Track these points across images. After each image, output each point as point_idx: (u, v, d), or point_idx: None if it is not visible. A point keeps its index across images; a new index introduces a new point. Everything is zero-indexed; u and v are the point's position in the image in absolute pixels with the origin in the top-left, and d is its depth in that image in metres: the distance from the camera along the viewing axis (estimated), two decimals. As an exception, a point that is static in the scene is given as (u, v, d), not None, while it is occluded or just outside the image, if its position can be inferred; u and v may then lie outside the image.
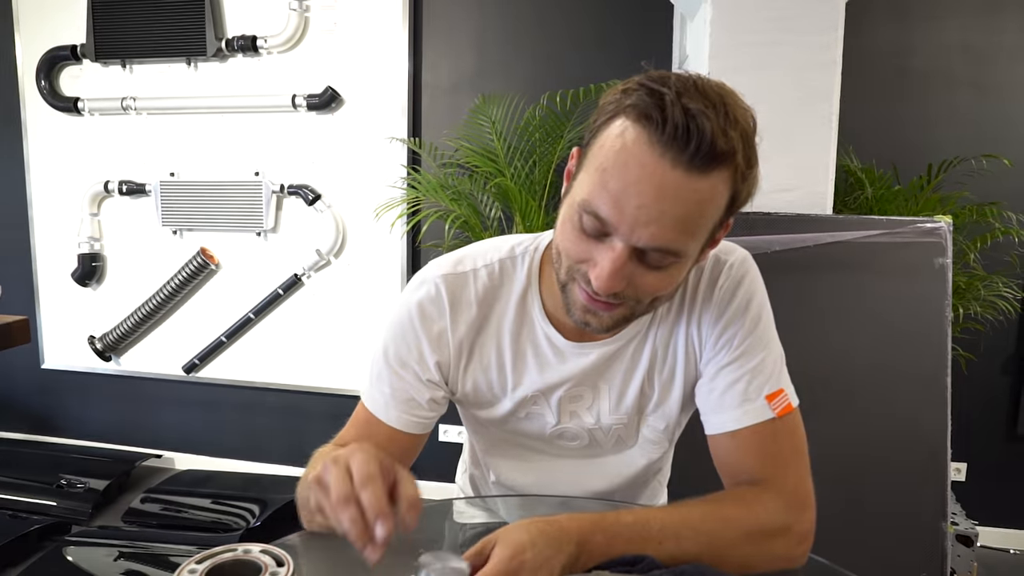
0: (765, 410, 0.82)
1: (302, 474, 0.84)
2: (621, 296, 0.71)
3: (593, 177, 0.68)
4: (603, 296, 0.71)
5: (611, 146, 0.67)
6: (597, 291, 0.70)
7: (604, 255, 0.69)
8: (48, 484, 2.83)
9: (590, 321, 0.75)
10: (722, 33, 1.84)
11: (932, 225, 1.72)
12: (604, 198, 0.67)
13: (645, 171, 0.65)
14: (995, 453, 2.62)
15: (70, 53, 2.98)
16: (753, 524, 0.75)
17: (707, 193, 0.66)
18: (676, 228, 0.66)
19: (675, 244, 0.68)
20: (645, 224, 0.66)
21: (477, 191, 2.56)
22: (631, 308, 0.74)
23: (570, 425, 0.92)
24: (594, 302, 0.73)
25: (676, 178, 0.64)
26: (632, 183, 0.65)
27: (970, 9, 2.44)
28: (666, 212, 0.65)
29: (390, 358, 0.88)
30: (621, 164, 0.66)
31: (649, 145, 0.64)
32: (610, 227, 0.67)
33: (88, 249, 3.09)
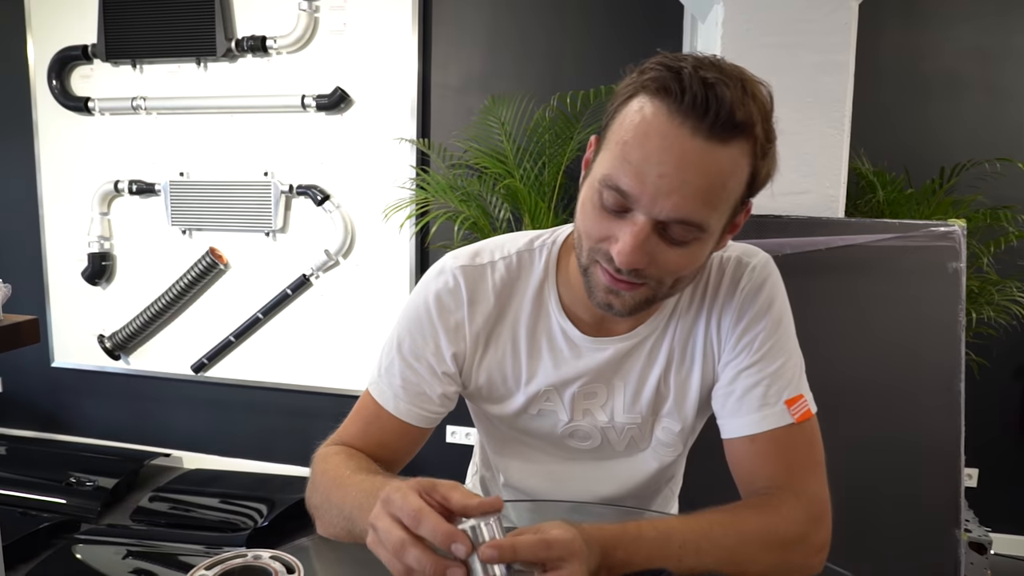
0: (784, 415, 0.81)
1: (309, 479, 0.83)
2: (643, 275, 0.71)
3: (613, 152, 0.68)
4: (625, 273, 0.70)
5: (631, 121, 0.67)
6: (620, 266, 0.69)
7: (626, 230, 0.68)
8: (57, 482, 2.84)
9: (612, 303, 0.74)
10: (734, 35, 1.83)
11: (946, 229, 1.70)
12: (625, 170, 0.67)
13: (666, 141, 0.64)
14: (1007, 458, 2.60)
15: (81, 53, 2.99)
16: (773, 537, 0.74)
17: (727, 163, 0.66)
18: (698, 198, 0.66)
19: (697, 215, 0.67)
20: (667, 194, 0.65)
21: (486, 192, 2.56)
22: (653, 289, 0.73)
23: (583, 423, 0.90)
24: (616, 282, 0.72)
25: (697, 147, 0.64)
26: (653, 153, 0.65)
27: (983, 12, 2.42)
28: (688, 181, 0.65)
29: (404, 350, 0.87)
30: (641, 135, 0.66)
31: (669, 116, 0.64)
32: (631, 200, 0.67)
33: (98, 248, 3.10)
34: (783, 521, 0.75)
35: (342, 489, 0.75)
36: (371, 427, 0.87)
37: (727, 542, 0.72)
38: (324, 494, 0.78)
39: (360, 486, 0.73)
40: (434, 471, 2.31)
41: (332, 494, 0.76)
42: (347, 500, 0.73)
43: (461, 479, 1.22)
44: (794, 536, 0.75)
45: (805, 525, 0.76)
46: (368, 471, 0.77)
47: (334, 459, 0.82)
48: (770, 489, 0.80)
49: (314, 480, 0.81)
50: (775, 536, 0.74)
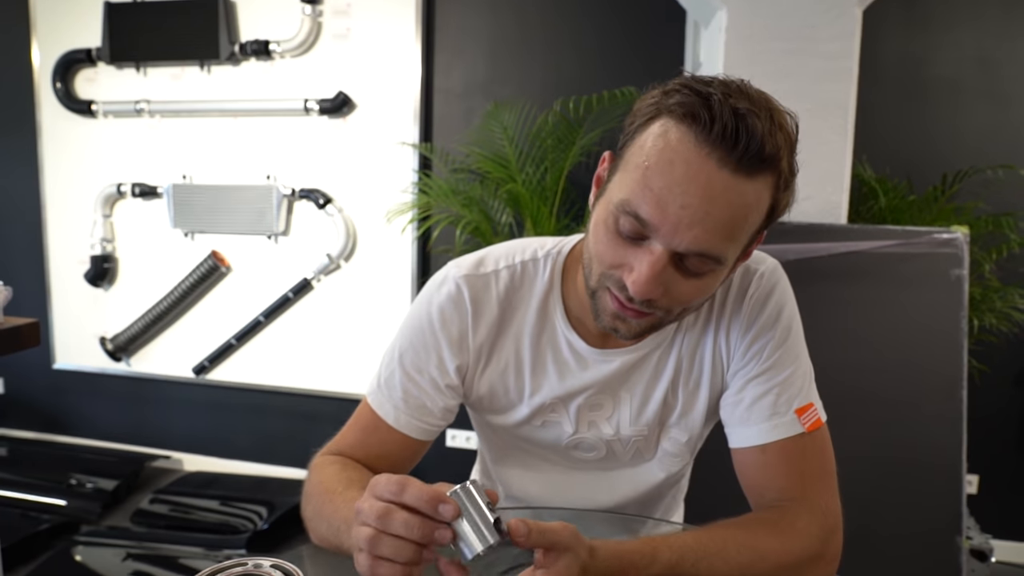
0: (795, 424, 0.79)
1: (304, 487, 0.82)
2: (654, 305, 0.69)
3: (634, 176, 0.66)
4: (637, 303, 0.69)
5: (653, 145, 0.65)
6: (633, 296, 0.68)
7: (642, 259, 0.66)
8: (58, 483, 2.83)
9: (619, 328, 0.73)
10: (737, 41, 1.83)
11: (948, 236, 1.70)
12: (646, 197, 0.64)
13: (691, 170, 0.62)
14: (1008, 465, 2.59)
15: (85, 56, 3.00)
16: (788, 555, 0.73)
17: (752, 197, 0.64)
18: (720, 232, 0.64)
19: (717, 249, 0.65)
20: (689, 226, 0.63)
21: (488, 197, 2.56)
22: (660, 318, 0.72)
23: (588, 435, 0.89)
24: (625, 309, 0.70)
25: (723, 179, 0.62)
26: (677, 182, 0.63)
27: (985, 19, 2.43)
28: (711, 214, 0.63)
29: (406, 362, 0.85)
30: (666, 162, 0.63)
31: (696, 144, 0.62)
32: (651, 229, 0.65)
33: (100, 251, 3.10)
34: (799, 539, 0.74)
35: (332, 504, 0.74)
36: (370, 438, 0.85)
37: (742, 559, 0.71)
38: (316, 507, 0.77)
39: (350, 503, 0.71)
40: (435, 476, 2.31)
41: (323, 507, 0.75)
42: (337, 515, 0.72)
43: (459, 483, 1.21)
44: (810, 553, 0.74)
45: (820, 540, 0.75)
46: (361, 485, 0.76)
47: (329, 470, 0.81)
48: (782, 501, 0.78)
49: (308, 490, 0.81)
50: (790, 556, 0.73)
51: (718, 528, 0.74)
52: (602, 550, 0.64)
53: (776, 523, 0.75)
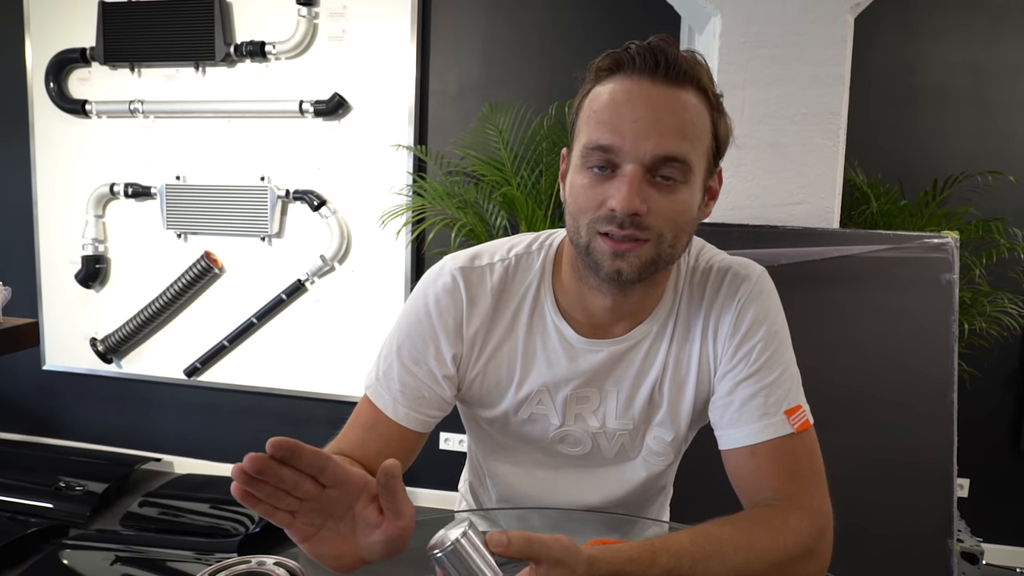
0: (784, 425, 0.81)
1: None
2: (644, 226, 0.73)
3: (588, 124, 0.75)
4: (628, 225, 0.72)
5: (594, 99, 0.76)
6: (619, 212, 0.72)
7: (619, 183, 0.72)
8: (47, 486, 2.81)
9: (621, 267, 0.75)
10: (731, 46, 1.85)
11: (939, 240, 1.71)
12: (602, 129, 0.73)
13: (631, 93, 0.73)
14: (998, 469, 2.61)
15: (79, 56, 2.99)
16: (782, 553, 0.74)
17: (691, 102, 0.74)
18: (675, 133, 0.72)
19: (679, 149, 0.72)
20: (646, 135, 0.71)
21: (483, 200, 2.56)
22: (656, 245, 0.75)
23: (574, 428, 0.90)
24: (620, 243, 0.74)
25: (659, 91, 0.72)
26: (623, 105, 0.73)
27: (974, 27, 2.46)
28: (661, 119, 0.72)
29: (403, 354, 0.86)
30: (608, 100, 0.74)
31: (627, 78, 0.74)
32: (615, 151, 0.72)
33: (92, 251, 3.09)
34: (791, 537, 0.75)
35: None
36: (370, 434, 0.86)
37: (738, 560, 0.72)
38: None
39: None
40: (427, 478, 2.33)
41: None
42: None
43: (454, 486, 1.22)
44: (802, 551, 0.75)
45: (812, 539, 0.77)
46: None
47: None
48: (774, 501, 0.79)
49: None
50: (784, 554, 0.74)
51: (713, 528, 0.74)
52: (601, 561, 0.64)
53: (770, 521, 0.76)
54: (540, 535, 0.60)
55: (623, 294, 0.81)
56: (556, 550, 0.60)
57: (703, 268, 0.88)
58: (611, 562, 0.65)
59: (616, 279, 0.76)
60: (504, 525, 1.02)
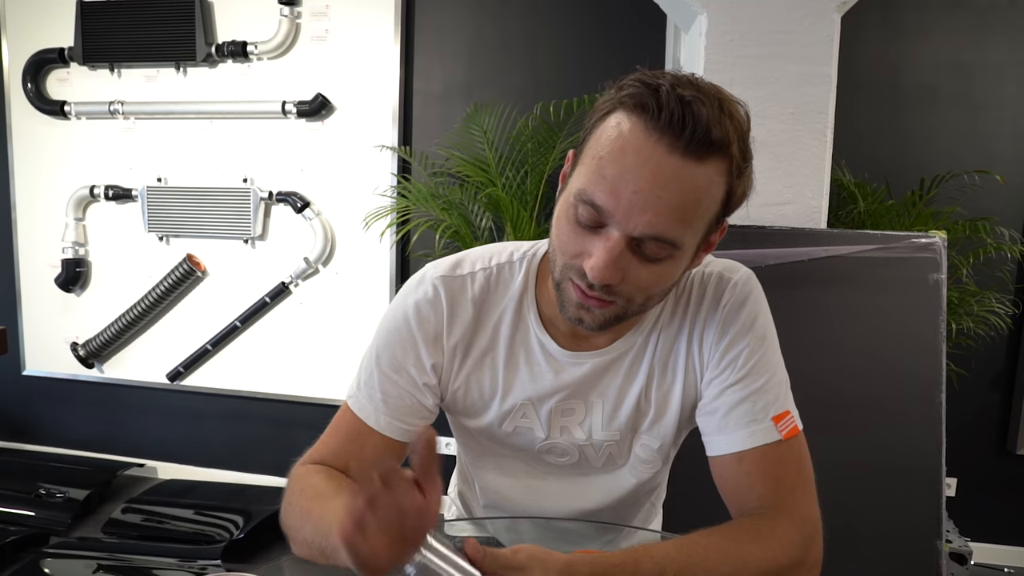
0: (772, 432, 0.79)
1: (284, 497, 0.80)
2: (614, 292, 0.70)
3: (589, 167, 0.68)
4: (597, 288, 0.70)
5: (607, 136, 0.67)
6: (592, 280, 0.69)
7: (599, 245, 0.68)
8: (26, 493, 2.77)
9: (583, 317, 0.74)
10: (717, 45, 1.83)
11: (927, 240, 1.71)
12: (600, 185, 0.67)
13: (641, 156, 0.65)
14: (985, 468, 2.61)
15: (58, 56, 2.95)
16: (771, 563, 0.73)
17: (703, 181, 0.66)
18: (673, 216, 0.66)
19: (672, 233, 0.67)
20: (642, 210, 0.65)
21: (468, 201, 2.54)
22: (623, 307, 0.73)
23: (560, 440, 0.89)
24: (587, 298, 0.71)
25: (672, 164, 0.64)
26: (628, 169, 0.65)
27: (960, 27, 2.46)
28: (663, 198, 0.65)
29: (383, 362, 0.85)
30: (617, 151, 0.66)
31: (645, 132, 0.65)
32: (606, 215, 0.67)
33: (72, 254, 3.05)
34: (779, 545, 0.74)
35: (323, 506, 0.73)
36: (351, 444, 0.84)
37: (724, 568, 0.70)
38: (302, 512, 0.75)
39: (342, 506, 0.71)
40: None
41: (311, 511, 0.74)
42: (325, 517, 0.71)
43: (444, 489, 1.19)
44: (790, 559, 0.74)
45: (800, 548, 0.75)
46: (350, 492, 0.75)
47: (314, 478, 0.79)
48: (762, 509, 0.78)
49: (290, 500, 0.79)
50: (772, 561, 0.73)
51: (699, 537, 0.73)
52: (579, 565, 0.63)
53: (757, 530, 0.75)
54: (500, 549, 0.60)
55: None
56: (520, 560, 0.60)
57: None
58: (591, 566, 0.63)
59: (578, 324, 0.75)
60: (492, 531, 1.01)
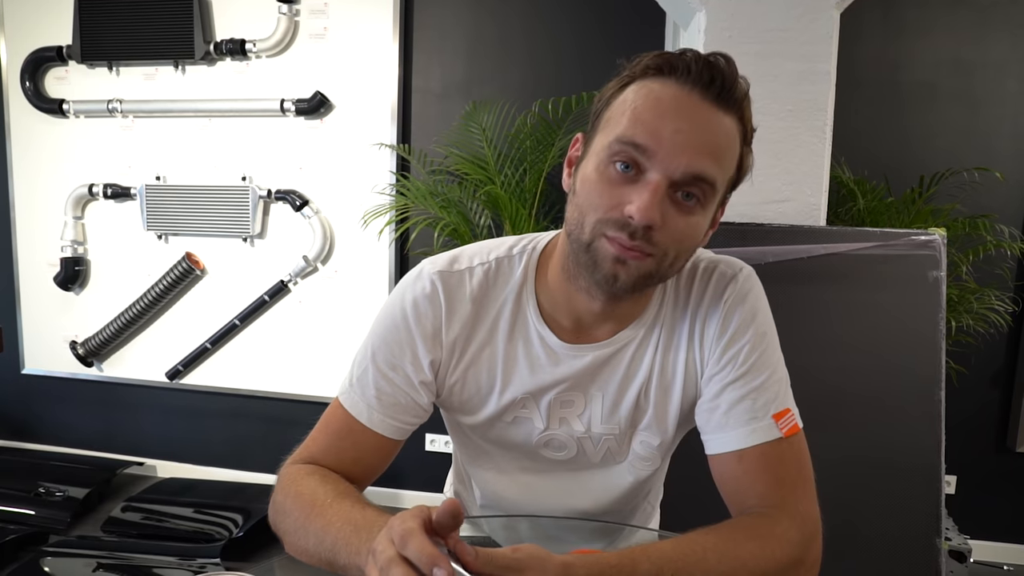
0: (772, 429, 0.79)
1: (273, 496, 0.80)
2: (653, 241, 0.71)
3: (622, 120, 0.71)
4: (639, 236, 0.70)
5: (637, 94, 0.72)
6: (638, 222, 0.69)
7: (642, 190, 0.70)
8: (26, 492, 2.77)
9: (619, 272, 0.73)
10: (716, 42, 1.83)
11: (926, 238, 1.70)
12: (640, 128, 0.70)
13: (678, 101, 0.70)
14: (984, 466, 2.61)
15: (56, 54, 2.94)
16: (769, 561, 0.72)
17: (730, 128, 0.71)
18: (711, 155, 0.70)
19: (710, 171, 0.70)
20: (683, 149, 0.69)
21: (467, 199, 2.54)
22: (657, 261, 0.73)
23: (558, 432, 0.88)
24: (626, 250, 0.71)
25: (706, 109, 0.70)
26: (667, 111, 0.69)
27: (960, 24, 2.45)
28: (700, 138, 0.69)
29: (379, 359, 0.84)
30: (654, 100, 0.70)
31: (678, 85, 0.70)
32: (648, 155, 0.69)
33: (71, 253, 3.04)
34: (778, 544, 0.74)
35: (323, 517, 0.72)
36: (343, 442, 0.83)
37: (723, 568, 0.70)
38: (299, 520, 0.75)
39: (346, 517, 0.71)
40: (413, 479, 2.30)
41: (310, 522, 0.73)
42: (330, 530, 0.70)
43: (440, 487, 1.19)
44: (789, 559, 0.74)
45: (800, 547, 0.75)
46: (350, 498, 0.74)
47: (308, 481, 0.78)
48: (762, 507, 0.78)
49: (283, 503, 0.78)
50: (771, 561, 0.72)
51: (698, 536, 0.72)
52: (577, 565, 0.62)
53: (756, 529, 0.75)
54: (500, 549, 0.59)
55: (613, 299, 0.78)
56: (520, 559, 0.59)
57: (689, 268, 0.86)
58: (588, 568, 0.63)
59: (612, 283, 0.73)
60: (488, 531, 1.01)
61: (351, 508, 0.72)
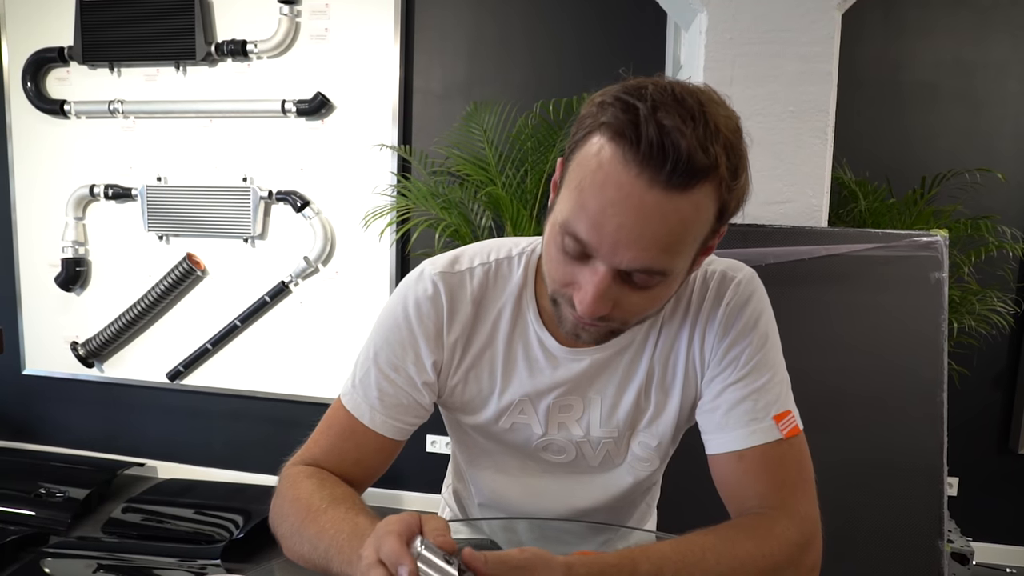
0: (773, 430, 0.79)
1: (274, 499, 0.80)
2: (609, 318, 0.70)
3: (573, 196, 0.66)
4: (588, 319, 0.69)
5: (587, 165, 0.64)
6: (582, 315, 0.68)
7: (587, 279, 0.67)
8: (26, 493, 2.77)
9: (580, 335, 0.73)
10: (717, 44, 1.82)
11: (928, 239, 1.70)
12: (583, 219, 0.64)
13: (622, 192, 0.62)
14: (986, 468, 2.61)
15: (57, 55, 2.94)
16: (767, 562, 0.72)
17: (689, 211, 0.63)
18: (658, 248, 0.64)
19: (659, 264, 0.65)
20: (626, 246, 0.63)
21: (468, 200, 2.53)
22: (620, 325, 0.73)
23: (557, 437, 0.88)
24: (582, 323, 0.71)
25: (655, 198, 0.61)
26: (610, 203, 0.62)
27: (962, 24, 2.45)
28: (646, 234, 0.63)
29: (381, 360, 0.84)
30: (598, 184, 0.63)
31: (624, 164, 0.61)
32: (591, 249, 0.65)
33: (72, 254, 3.04)
34: (778, 546, 0.73)
35: (317, 524, 0.72)
36: (345, 443, 0.83)
37: (721, 569, 0.70)
38: (295, 525, 0.75)
39: (338, 524, 0.71)
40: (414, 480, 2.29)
41: (305, 527, 0.73)
42: (323, 536, 0.70)
43: (439, 488, 1.19)
44: (788, 560, 0.74)
45: (799, 548, 0.75)
46: (345, 504, 0.74)
47: (306, 485, 0.78)
48: (762, 508, 0.78)
49: (282, 506, 0.78)
50: (769, 561, 0.72)
51: (697, 537, 0.72)
52: (579, 567, 0.62)
53: (755, 530, 0.75)
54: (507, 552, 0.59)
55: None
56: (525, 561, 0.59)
57: None
58: (589, 568, 0.63)
59: (576, 340, 0.75)
60: (488, 532, 1.00)
61: (345, 515, 0.72)
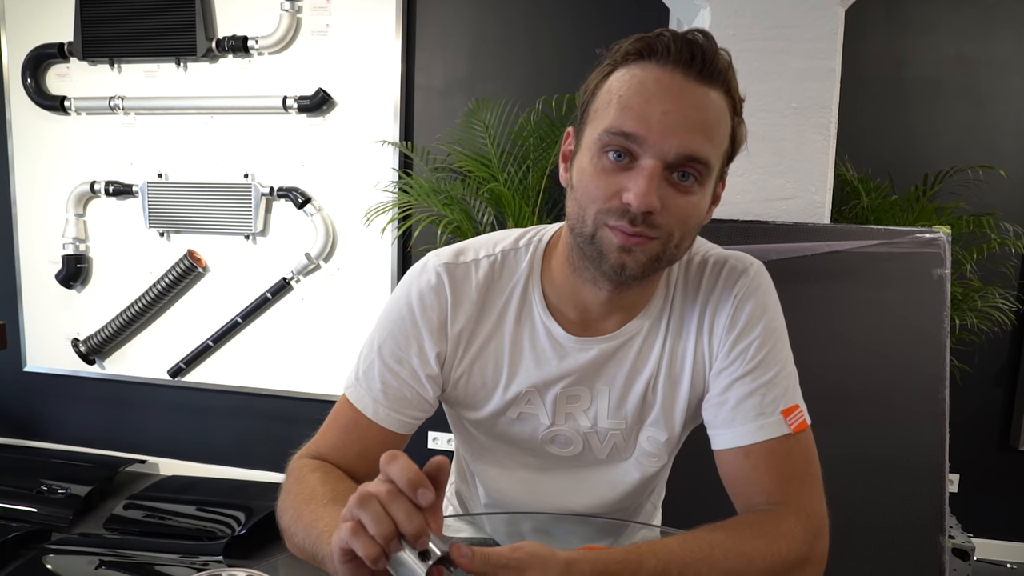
0: (781, 425, 0.78)
1: (281, 493, 0.80)
2: (655, 224, 0.71)
3: (611, 108, 0.71)
4: (640, 222, 0.70)
5: (621, 82, 0.72)
6: (636, 209, 0.69)
7: (637, 176, 0.70)
8: (28, 490, 2.77)
9: (625, 262, 0.72)
10: (720, 40, 1.77)
11: (931, 235, 1.70)
12: (628, 115, 0.70)
13: (662, 84, 0.70)
14: (987, 464, 2.61)
15: (57, 51, 2.93)
16: (776, 559, 0.72)
17: (718, 103, 0.71)
18: (701, 132, 0.70)
19: (703, 150, 0.70)
20: (673, 130, 0.69)
21: (470, 196, 2.53)
22: (663, 243, 0.72)
23: (564, 428, 0.88)
24: (629, 237, 0.71)
25: (691, 86, 0.70)
26: (653, 95, 0.69)
27: (965, 21, 2.44)
28: (689, 116, 0.69)
29: (385, 352, 0.84)
30: (638, 84, 0.70)
31: (659, 67, 0.70)
32: (639, 141, 0.69)
33: (73, 250, 3.04)
34: (786, 543, 0.73)
35: (313, 513, 0.72)
36: (350, 436, 0.83)
37: (728, 565, 0.69)
38: (294, 514, 0.75)
39: (332, 516, 0.70)
40: (414, 480, 2.20)
41: (303, 515, 0.73)
42: (317, 523, 0.70)
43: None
44: (796, 556, 0.73)
45: (805, 543, 0.74)
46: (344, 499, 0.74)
47: (311, 478, 0.78)
48: (768, 504, 0.77)
49: (286, 499, 0.78)
50: (777, 557, 0.72)
51: (703, 533, 0.72)
52: (581, 562, 0.61)
53: (761, 526, 0.74)
54: (499, 548, 0.58)
55: (620, 289, 0.78)
56: (520, 558, 0.57)
57: (698, 261, 0.85)
58: (593, 564, 0.62)
59: (619, 273, 0.73)
60: (491, 530, 1.00)
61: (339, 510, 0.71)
